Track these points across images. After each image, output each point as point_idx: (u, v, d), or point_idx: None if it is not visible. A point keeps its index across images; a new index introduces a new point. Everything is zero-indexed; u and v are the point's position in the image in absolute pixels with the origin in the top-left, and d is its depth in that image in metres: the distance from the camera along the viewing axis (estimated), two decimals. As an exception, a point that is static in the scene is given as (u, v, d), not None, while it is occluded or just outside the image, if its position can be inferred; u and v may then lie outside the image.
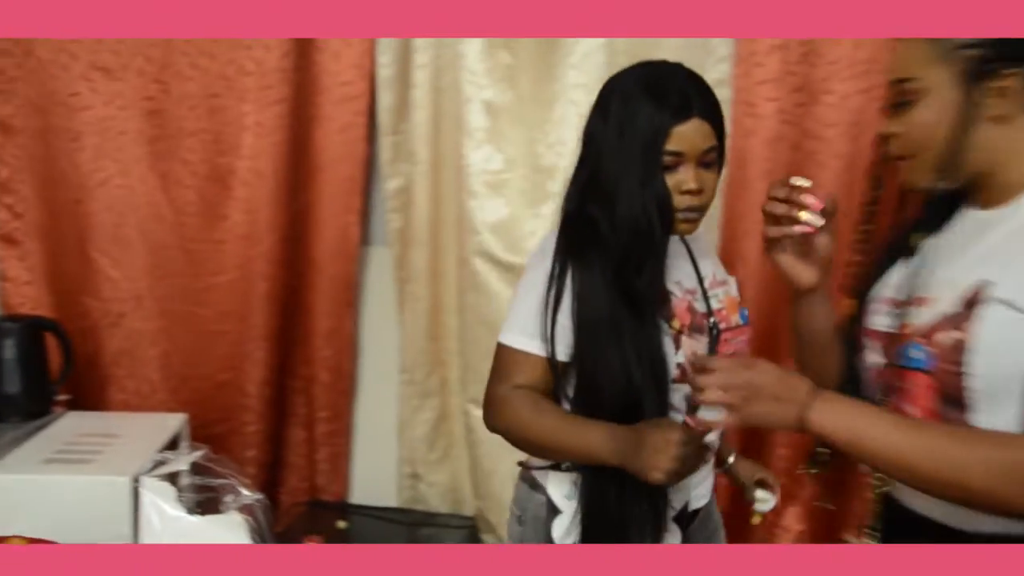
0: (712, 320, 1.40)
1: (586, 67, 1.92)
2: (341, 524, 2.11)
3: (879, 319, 1.18)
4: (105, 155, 2.06)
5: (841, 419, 1.05)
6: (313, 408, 2.21)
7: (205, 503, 1.18)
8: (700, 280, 1.43)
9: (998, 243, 1.09)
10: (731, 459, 1.69)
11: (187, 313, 2.13)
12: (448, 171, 2.06)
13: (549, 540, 1.37)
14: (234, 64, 2.04)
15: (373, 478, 2.27)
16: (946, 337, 1.05)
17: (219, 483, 1.17)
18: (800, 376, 1.09)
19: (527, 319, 1.32)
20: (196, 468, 1.22)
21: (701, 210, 1.35)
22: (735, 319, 1.42)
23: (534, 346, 1.31)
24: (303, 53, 2.05)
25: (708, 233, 1.62)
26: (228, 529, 1.13)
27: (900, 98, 1.11)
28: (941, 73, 1.07)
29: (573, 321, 1.30)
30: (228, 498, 1.15)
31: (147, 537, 1.19)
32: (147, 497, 1.17)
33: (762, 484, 1.66)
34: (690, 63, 1.89)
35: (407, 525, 2.16)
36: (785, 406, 1.06)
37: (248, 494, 1.14)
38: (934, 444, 1.02)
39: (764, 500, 1.64)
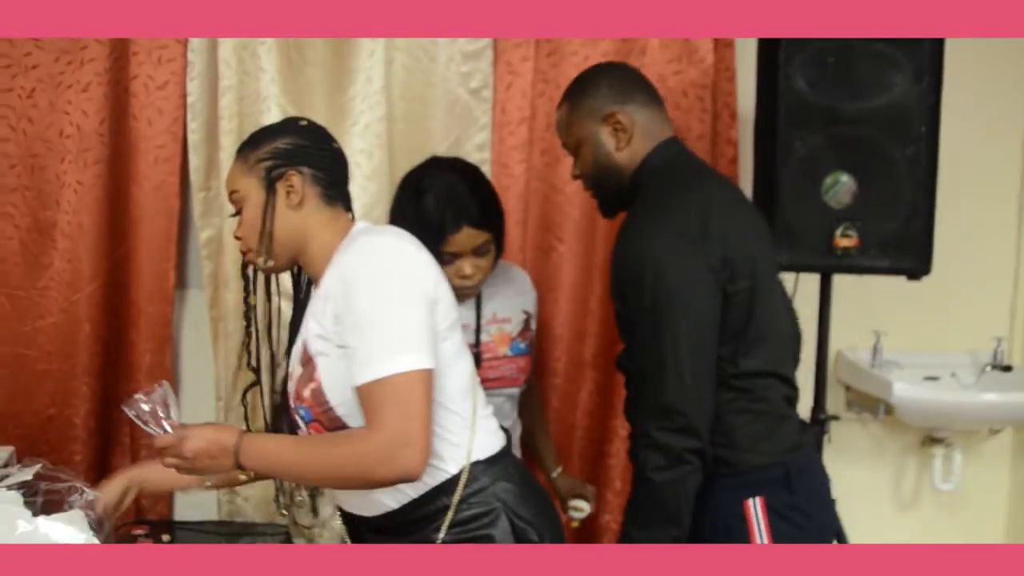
0: (476, 350, 1.79)
1: (367, 136, 2.27)
2: (165, 538, 2.35)
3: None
4: (-73, 210, 2.23)
5: (258, 455, 1.39)
6: (136, 437, 2.44)
7: (51, 504, 1.45)
8: (478, 318, 1.84)
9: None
10: (555, 473, 2.02)
11: (13, 355, 2.34)
12: (254, 223, 2.36)
13: None
14: (54, 127, 2.28)
15: (194, 496, 2.50)
16: (306, 390, 1.45)
17: (63, 487, 1.44)
18: (228, 429, 1.44)
19: None
20: (43, 478, 1.49)
21: (475, 286, 1.74)
22: (503, 350, 1.82)
23: None
24: (119, 119, 2.31)
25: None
26: (70, 523, 1.40)
27: (234, 207, 1.50)
28: (251, 182, 1.47)
29: None
30: (72, 498, 1.42)
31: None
32: (-2, 506, 1.42)
33: (580, 496, 1.97)
34: (457, 131, 2.34)
35: (226, 535, 2.43)
36: (220, 459, 1.40)
37: (89, 491, 1.42)
38: (314, 451, 1.40)
39: (578, 509, 1.94)
